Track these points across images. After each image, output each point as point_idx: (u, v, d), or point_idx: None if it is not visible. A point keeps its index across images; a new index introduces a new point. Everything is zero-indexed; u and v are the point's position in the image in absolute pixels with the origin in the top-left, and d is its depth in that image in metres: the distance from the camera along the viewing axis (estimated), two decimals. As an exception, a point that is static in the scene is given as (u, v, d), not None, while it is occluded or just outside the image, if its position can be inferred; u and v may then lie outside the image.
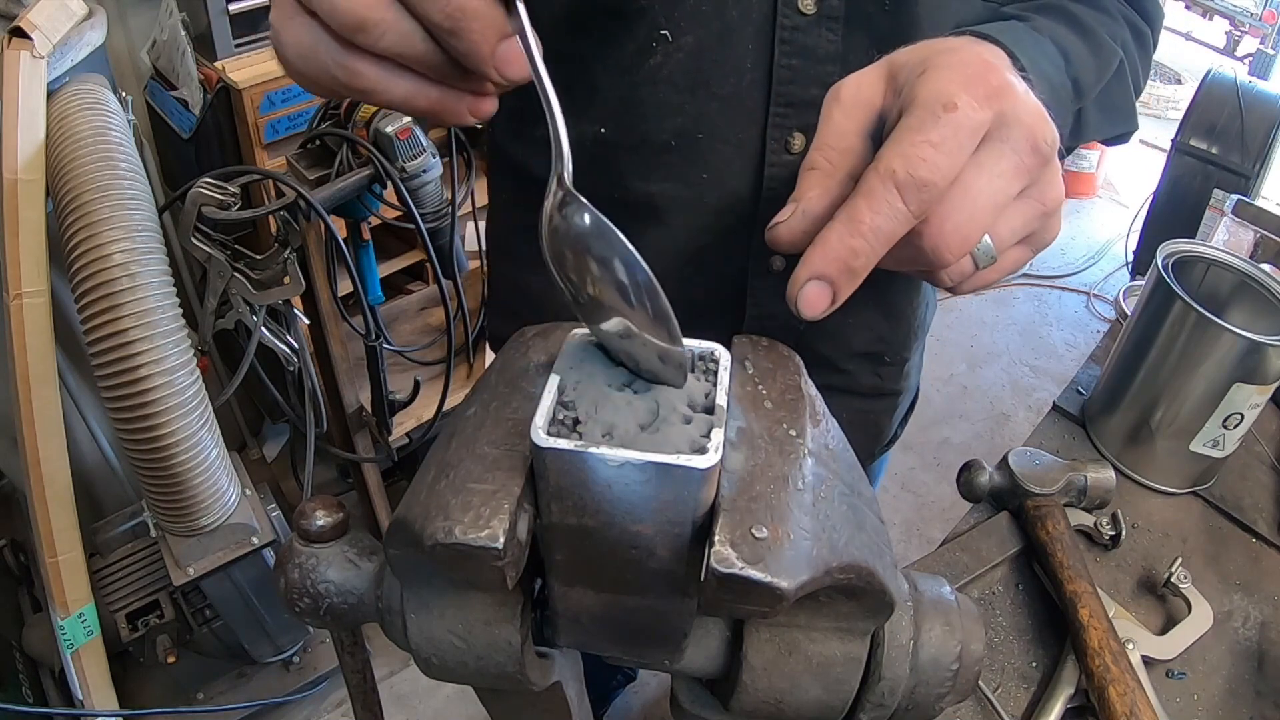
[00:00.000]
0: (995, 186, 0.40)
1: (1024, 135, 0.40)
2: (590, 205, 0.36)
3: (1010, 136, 0.40)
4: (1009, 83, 0.40)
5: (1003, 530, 0.90)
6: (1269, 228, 1.32)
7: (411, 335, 2.02)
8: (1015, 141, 0.40)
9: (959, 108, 0.38)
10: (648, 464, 0.31)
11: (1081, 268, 3.29)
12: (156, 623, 1.61)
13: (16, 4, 1.31)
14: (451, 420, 0.40)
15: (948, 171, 0.38)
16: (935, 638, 0.40)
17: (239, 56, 1.64)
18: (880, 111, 0.42)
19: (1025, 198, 0.42)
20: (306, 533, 0.43)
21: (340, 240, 1.51)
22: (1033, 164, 0.40)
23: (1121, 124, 0.67)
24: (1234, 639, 0.84)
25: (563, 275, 0.36)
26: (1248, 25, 3.36)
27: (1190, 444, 0.94)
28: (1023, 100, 0.40)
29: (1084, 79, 0.58)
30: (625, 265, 0.36)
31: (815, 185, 0.42)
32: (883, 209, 0.38)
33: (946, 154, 0.38)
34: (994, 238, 0.42)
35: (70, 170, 1.21)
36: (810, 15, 0.61)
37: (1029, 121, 0.40)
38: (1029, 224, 0.43)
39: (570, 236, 0.36)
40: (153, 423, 1.25)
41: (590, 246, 0.36)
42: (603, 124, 0.68)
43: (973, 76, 0.39)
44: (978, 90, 0.39)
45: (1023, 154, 0.40)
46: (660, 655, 0.42)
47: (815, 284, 0.39)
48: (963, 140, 0.38)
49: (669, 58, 0.63)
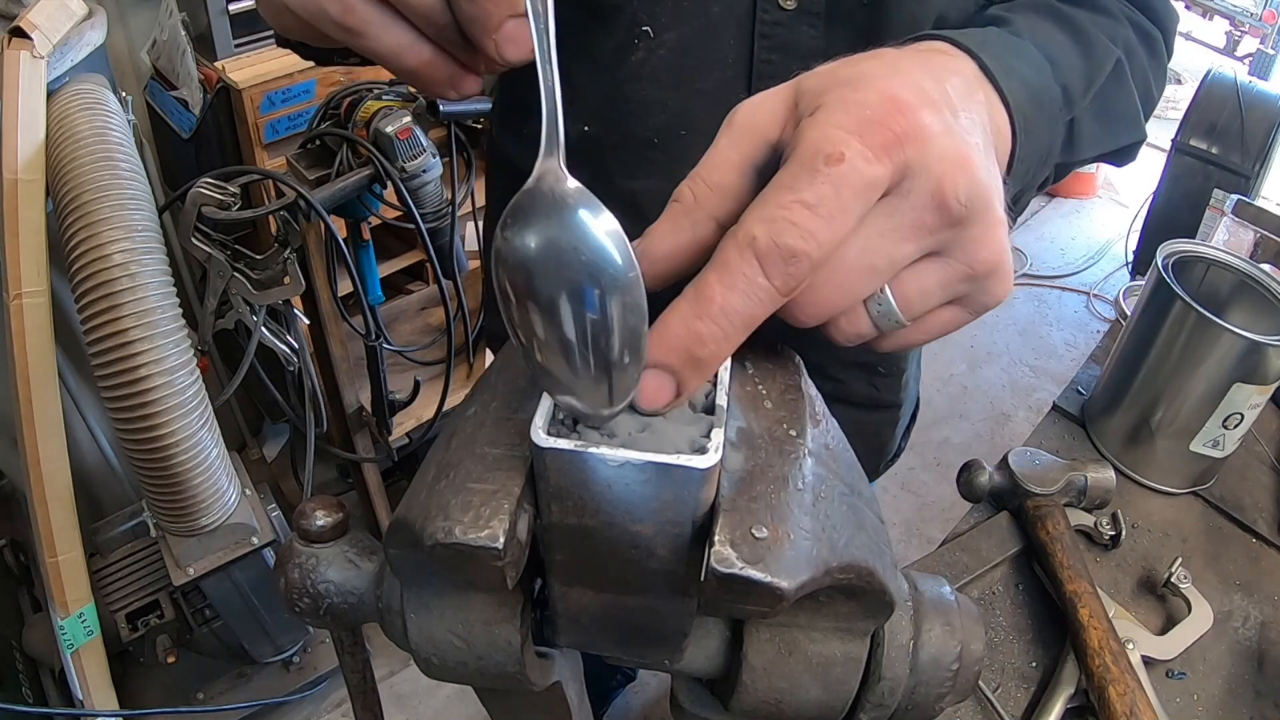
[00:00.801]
0: (874, 248, 0.33)
1: (927, 188, 0.33)
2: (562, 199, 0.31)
3: (910, 191, 0.33)
4: (919, 125, 0.33)
5: (1003, 530, 0.90)
6: (1269, 228, 1.32)
7: (411, 335, 2.02)
8: (915, 197, 0.33)
9: (845, 159, 0.31)
10: (648, 464, 0.31)
11: (1081, 268, 3.29)
12: (156, 623, 1.61)
13: (16, 4, 1.31)
14: (451, 420, 0.40)
15: (825, 239, 0.31)
16: (935, 638, 0.40)
17: (239, 56, 1.64)
18: (775, 144, 0.35)
19: (941, 259, 0.35)
20: (306, 533, 0.43)
21: (340, 240, 1.51)
22: (935, 222, 0.34)
23: (1124, 133, 0.60)
24: (1234, 639, 0.84)
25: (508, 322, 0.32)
26: (1248, 25, 3.37)
27: (1190, 444, 0.94)
28: (935, 145, 0.33)
29: (1073, 84, 0.52)
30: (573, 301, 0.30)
31: (666, 222, 0.35)
32: (738, 284, 0.31)
33: (825, 218, 0.31)
34: (900, 299, 0.36)
35: (70, 170, 1.21)
36: (790, 10, 0.60)
37: (939, 171, 0.33)
38: (949, 288, 0.36)
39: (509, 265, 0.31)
40: (153, 423, 1.25)
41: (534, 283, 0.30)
42: (586, 121, 0.68)
43: (871, 120, 0.32)
44: (874, 137, 0.32)
45: (923, 211, 0.33)
46: (660, 655, 0.42)
47: (653, 374, 0.32)
48: (846, 201, 0.31)
49: (652, 54, 0.63)
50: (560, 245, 0.30)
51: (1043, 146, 0.47)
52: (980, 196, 0.34)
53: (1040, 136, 0.46)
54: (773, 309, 0.32)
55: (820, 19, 0.61)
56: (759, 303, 0.32)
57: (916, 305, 0.36)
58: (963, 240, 0.35)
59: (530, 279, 0.30)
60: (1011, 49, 0.47)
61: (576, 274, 0.30)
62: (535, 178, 0.31)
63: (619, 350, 0.31)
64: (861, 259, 0.33)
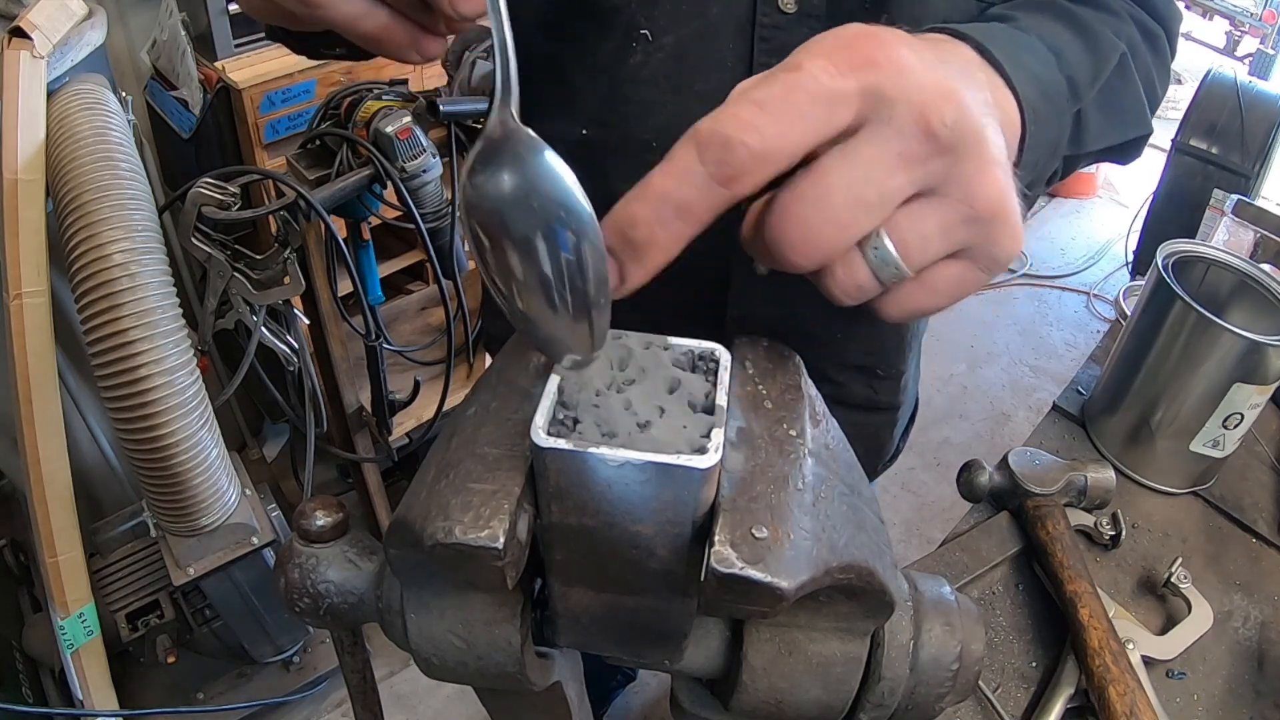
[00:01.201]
0: (861, 175, 0.32)
1: (909, 115, 0.32)
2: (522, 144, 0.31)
3: (889, 117, 0.32)
4: (894, 56, 0.32)
5: (1003, 530, 0.90)
6: (1269, 228, 1.32)
7: (411, 335, 2.02)
8: (897, 123, 0.32)
9: (802, 68, 0.31)
10: (648, 464, 0.31)
11: (1081, 268, 3.29)
12: (156, 623, 1.61)
13: (16, 4, 1.31)
14: (451, 420, 0.40)
15: (769, 134, 0.30)
16: (935, 638, 0.40)
17: (239, 56, 1.64)
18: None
19: (937, 197, 0.34)
20: (306, 533, 0.43)
21: (340, 240, 1.51)
22: (925, 150, 0.32)
23: (1130, 127, 0.59)
24: (1234, 639, 0.84)
25: (485, 274, 0.32)
26: (1248, 25, 3.37)
27: (1190, 444, 0.94)
28: (914, 75, 0.32)
29: (1079, 76, 0.51)
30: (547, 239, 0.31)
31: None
32: (674, 169, 0.31)
33: (770, 114, 0.31)
34: (898, 244, 0.34)
35: (70, 170, 1.21)
36: (791, 14, 0.60)
37: (920, 99, 0.32)
38: (950, 231, 0.34)
39: (483, 211, 0.31)
40: (153, 423, 1.25)
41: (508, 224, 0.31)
42: (584, 125, 0.67)
43: (839, 45, 0.32)
44: (841, 57, 0.32)
45: (908, 139, 0.32)
46: (660, 655, 0.42)
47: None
48: (799, 101, 0.31)
49: (650, 57, 0.63)
50: (531, 185, 0.31)
51: (1051, 137, 0.47)
52: (969, 125, 0.33)
53: (1049, 127, 0.46)
54: (712, 197, 0.31)
55: (821, 22, 0.60)
56: (693, 187, 0.31)
57: (916, 251, 0.34)
58: (957, 175, 0.33)
59: (505, 220, 0.31)
60: (1017, 42, 0.47)
61: (550, 212, 0.31)
62: (493, 126, 0.32)
63: (595, 288, 0.32)
64: (848, 190, 0.32)
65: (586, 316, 0.32)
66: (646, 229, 0.32)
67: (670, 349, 0.37)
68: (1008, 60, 0.42)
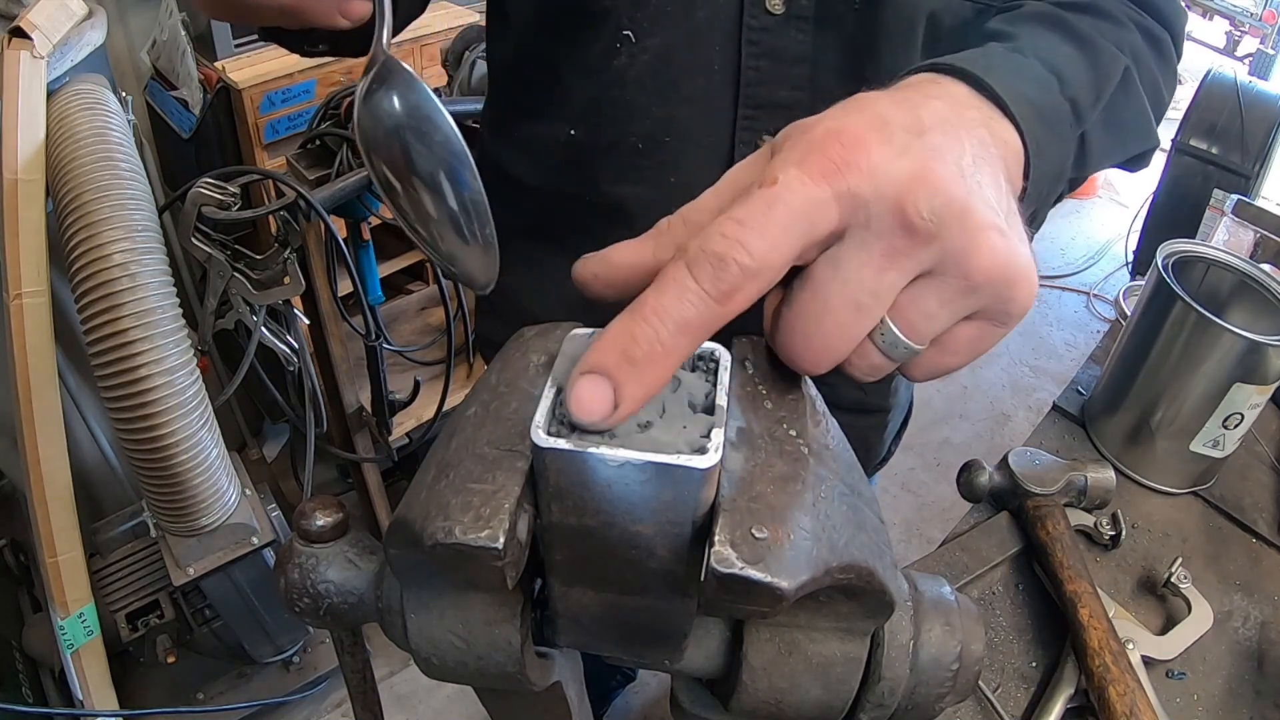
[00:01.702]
0: (854, 282, 0.33)
1: (887, 212, 0.33)
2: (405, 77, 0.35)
3: (868, 219, 0.33)
4: (860, 154, 0.33)
5: (1003, 530, 0.90)
6: (1269, 228, 1.32)
7: (411, 335, 2.02)
8: (877, 224, 0.33)
9: (778, 182, 0.32)
10: (648, 464, 0.31)
11: (1081, 268, 3.29)
12: (156, 623, 1.61)
13: (16, 4, 1.31)
14: (451, 420, 0.40)
15: (756, 250, 0.31)
16: (935, 638, 0.40)
17: (239, 56, 1.64)
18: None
19: (933, 277, 0.35)
20: (306, 533, 0.43)
21: (340, 240, 1.51)
22: (908, 244, 0.33)
23: (1136, 142, 0.59)
24: (1234, 639, 0.84)
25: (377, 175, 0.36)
26: (1248, 25, 3.37)
27: (1190, 444, 0.94)
28: (884, 170, 0.33)
29: (1082, 98, 0.51)
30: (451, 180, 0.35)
31: (636, 240, 0.36)
32: (669, 289, 0.31)
33: (754, 229, 0.32)
34: (904, 327, 0.35)
35: (70, 170, 1.21)
36: (778, 15, 0.59)
37: (894, 193, 0.33)
38: (953, 304, 0.35)
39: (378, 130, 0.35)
40: (153, 423, 1.25)
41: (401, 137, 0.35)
42: (572, 126, 0.67)
43: (810, 152, 0.33)
44: (812, 165, 0.33)
45: (890, 236, 0.33)
46: (660, 655, 0.42)
47: (587, 379, 0.31)
48: (779, 216, 0.32)
49: (635, 59, 0.62)
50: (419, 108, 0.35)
51: (1055, 165, 0.46)
52: (948, 206, 0.33)
53: (1052, 155, 0.45)
54: (709, 314, 0.32)
55: (809, 23, 0.60)
56: (690, 305, 0.31)
57: (923, 329, 0.36)
58: (948, 255, 0.34)
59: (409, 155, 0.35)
60: (1016, 69, 0.46)
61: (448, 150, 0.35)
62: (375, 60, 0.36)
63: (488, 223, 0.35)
64: (845, 298, 0.34)
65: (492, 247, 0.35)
66: (649, 346, 0.31)
67: (670, 349, 0.37)
68: (1006, 92, 0.42)
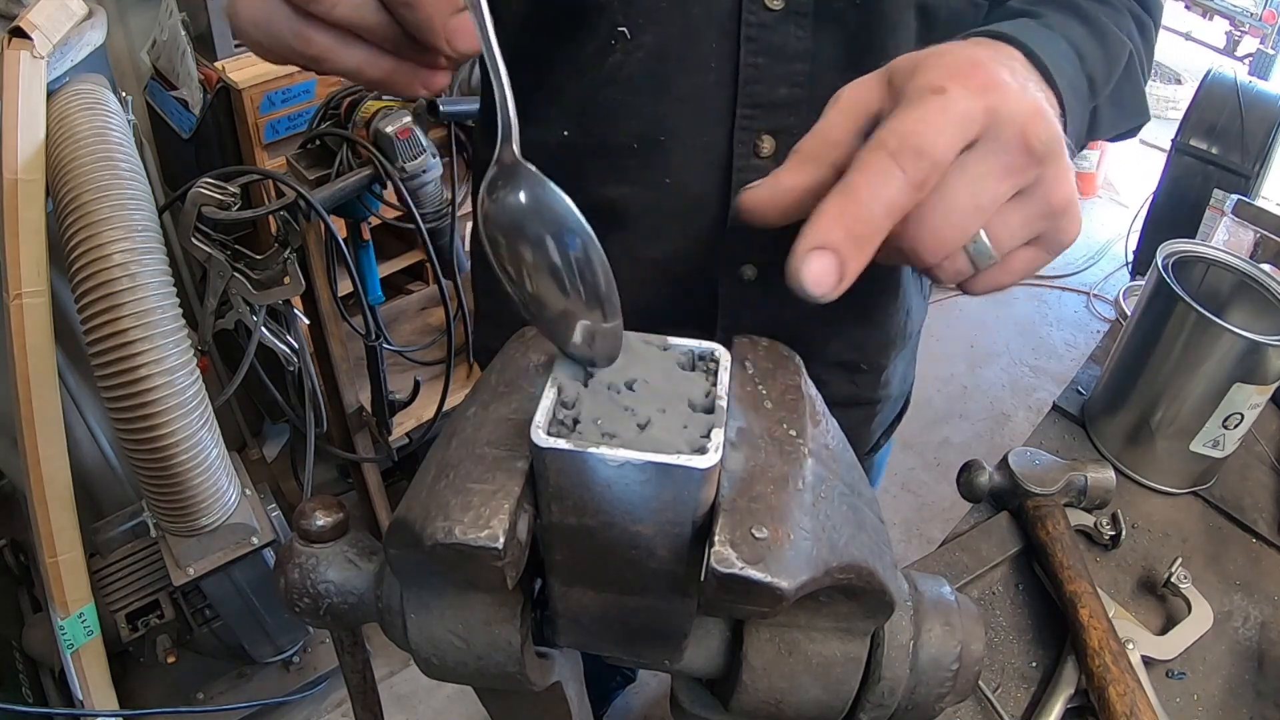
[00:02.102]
0: (977, 188, 0.38)
1: (1014, 134, 0.38)
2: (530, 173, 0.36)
3: (1000, 135, 0.38)
4: (999, 79, 0.39)
5: (1003, 530, 0.90)
6: (1269, 228, 1.32)
7: (411, 335, 2.02)
8: (1005, 140, 0.38)
9: (947, 91, 0.37)
10: (648, 464, 0.31)
11: (1081, 268, 3.29)
12: (156, 623, 1.61)
13: (16, 4, 1.31)
14: (451, 420, 0.40)
15: (941, 147, 0.36)
16: (935, 638, 0.40)
17: (239, 56, 1.64)
18: (876, 114, 0.41)
19: (1024, 197, 0.40)
20: (306, 533, 0.43)
21: (340, 240, 1.50)
22: (1024, 163, 0.39)
23: (1133, 118, 0.64)
24: (1234, 639, 0.84)
25: (500, 266, 0.36)
26: (1248, 25, 3.36)
27: (1190, 444, 0.94)
28: (1015, 96, 0.38)
29: (1097, 76, 0.56)
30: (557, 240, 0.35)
31: (793, 163, 0.40)
32: (878, 176, 0.36)
33: (936, 130, 0.36)
34: (992, 238, 0.40)
35: (70, 170, 1.21)
36: (777, 11, 0.59)
37: (1021, 119, 0.38)
38: (1031, 224, 0.41)
39: (501, 221, 0.36)
40: (153, 423, 1.25)
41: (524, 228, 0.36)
42: (565, 126, 0.67)
43: (961, 71, 0.38)
44: (968, 82, 0.38)
45: (1013, 153, 0.38)
46: (660, 655, 0.42)
47: (819, 254, 0.35)
48: (951, 120, 0.37)
49: (629, 56, 0.61)
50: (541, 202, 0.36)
51: (1080, 133, 0.52)
52: (1056, 139, 0.39)
53: (1078, 124, 0.50)
54: (908, 199, 0.36)
55: (808, 19, 0.59)
56: (897, 189, 0.36)
57: (1005, 242, 0.41)
58: (1043, 180, 0.40)
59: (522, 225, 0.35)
60: (1051, 42, 0.51)
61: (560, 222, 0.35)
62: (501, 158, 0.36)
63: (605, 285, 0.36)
64: (971, 197, 0.38)
65: (599, 306, 0.35)
66: (868, 226, 0.36)
67: (670, 349, 0.37)
68: (1051, 64, 0.47)
